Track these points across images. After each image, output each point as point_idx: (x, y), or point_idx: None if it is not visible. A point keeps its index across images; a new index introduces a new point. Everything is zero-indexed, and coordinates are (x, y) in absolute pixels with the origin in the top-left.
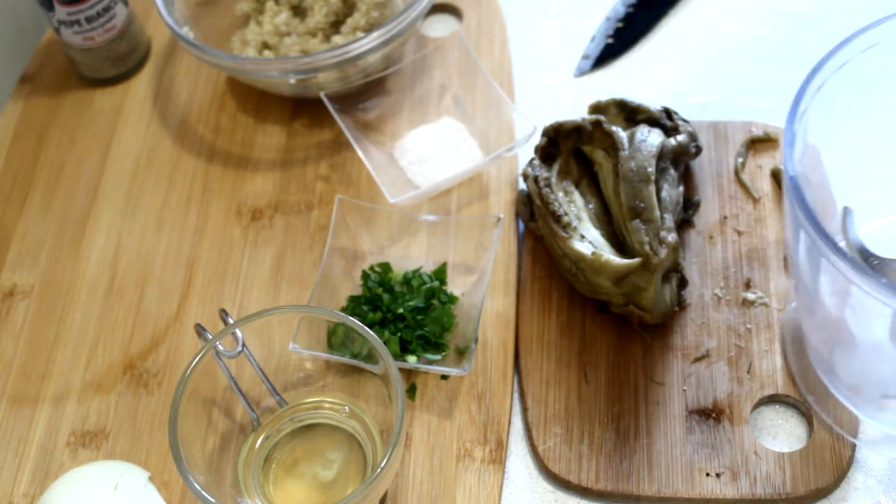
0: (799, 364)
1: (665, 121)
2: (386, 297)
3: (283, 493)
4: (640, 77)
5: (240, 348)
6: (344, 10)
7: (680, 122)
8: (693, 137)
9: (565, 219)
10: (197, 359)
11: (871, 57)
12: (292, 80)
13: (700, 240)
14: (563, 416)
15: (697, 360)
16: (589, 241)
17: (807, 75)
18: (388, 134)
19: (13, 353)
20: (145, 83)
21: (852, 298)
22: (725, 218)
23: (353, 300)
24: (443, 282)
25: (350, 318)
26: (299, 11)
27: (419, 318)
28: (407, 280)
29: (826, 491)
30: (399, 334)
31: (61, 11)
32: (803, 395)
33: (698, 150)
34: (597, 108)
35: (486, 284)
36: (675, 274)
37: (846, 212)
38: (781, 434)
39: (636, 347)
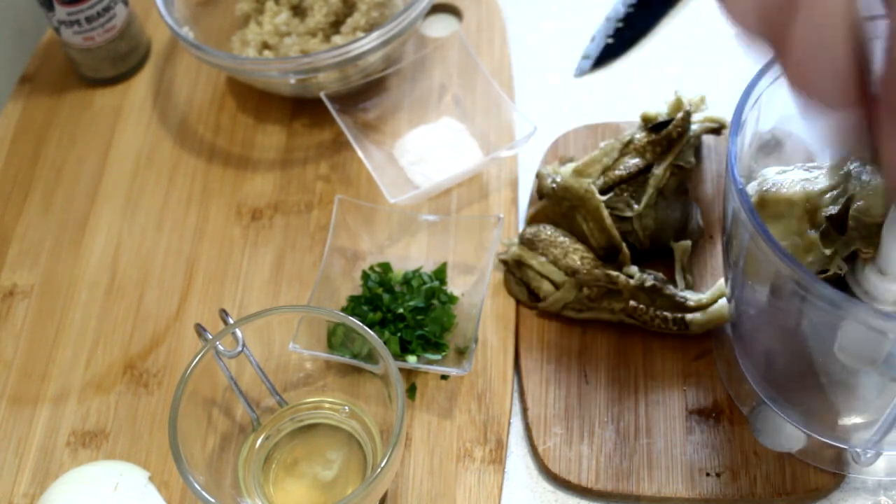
0: (730, 376)
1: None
2: (386, 297)
3: (283, 493)
4: (640, 77)
5: (240, 348)
6: (344, 10)
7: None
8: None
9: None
10: (197, 359)
11: None
12: (292, 80)
13: (700, 240)
14: (563, 416)
15: (697, 359)
16: None
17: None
18: (388, 134)
19: (13, 353)
20: (145, 83)
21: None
22: None
23: (353, 300)
24: (443, 282)
25: (350, 318)
26: (299, 11)
27: (419, 318)
28: (407, 280)
29: (826, 491)
30: (399, 334)
31: (61, 11)
32: (742, 411)
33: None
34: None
35: (486, 284)
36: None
37: None
38: (781, 434)
39: (636, 347)
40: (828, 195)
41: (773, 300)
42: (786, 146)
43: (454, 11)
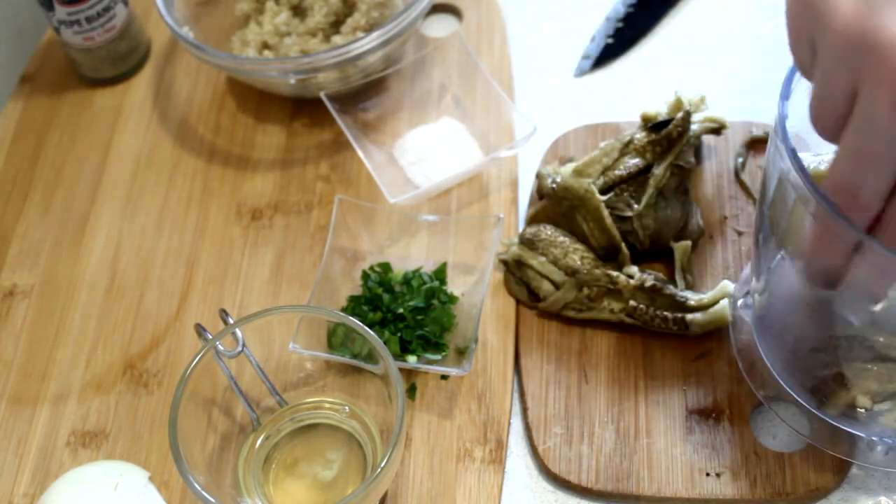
0: (747, 362)
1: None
2: (386, 297)
3: (283, 493)
4: (640, 77)
5: (240, 348)
6: (344, 10)
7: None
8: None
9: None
10: (197, 359)
11: None
12: (292, 80)
13: (700, 240)
14: (563, 416)
15: (697, 359)
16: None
17: None
18: (388, 134)
19: (13, 353)
20: (145, 83)
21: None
22: (725, 218)
23: (353, 300)
24: (443, 282)
25: (350, 318)
26: (299, 11)
27: (419, 318)
28: (407, 280)
29: (826, 491)
30: (399, 334)
31: (61, 11)
32: (759, 397)
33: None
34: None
35: (486, 284)
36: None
37: None
38: (781, 434)
39: (636, 347)
40: None
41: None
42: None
43: (454, 11)
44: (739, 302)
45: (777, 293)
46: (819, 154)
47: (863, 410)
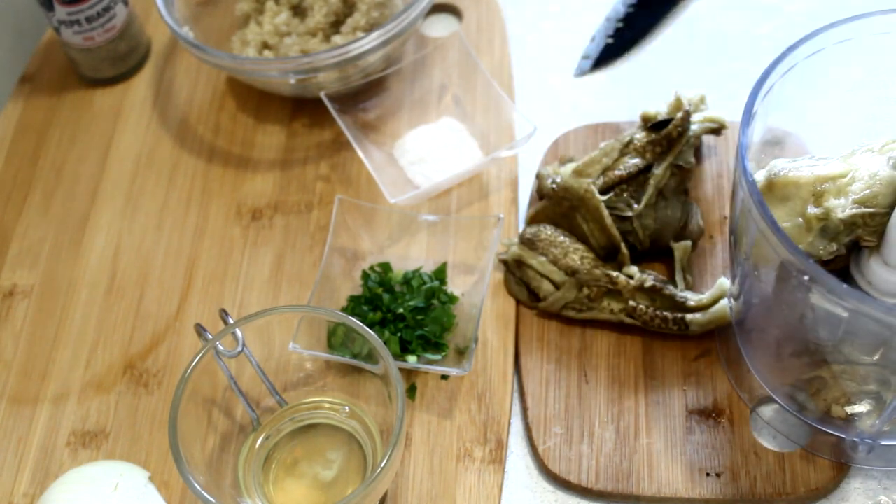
0: (736, 374)
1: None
2: (386, 297)
3: (283, 493)
4: (639, 77)
5: (240, 348)
6: (344, 10)
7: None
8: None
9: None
10: (197, 359)
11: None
12: (292, 80)
13: (700, 240)
14: (563, 416)
15: (697, 359)
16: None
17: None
18: (388, 134)
19: (13, 353)
20: (145, 83)
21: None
22: (725, 218)
23: (353, 300)
24: (443, 282)
25: (350, 318)
26: (299, 11)
27: (419, 318)
28: (407, 280)
29: (826, 491)
30: (399, 334)
31: (61, 11)
32: (747, 405)
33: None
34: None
35: (486, 284)
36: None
37: None
38: (781, 434)
39: (636, 347)
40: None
41: (778, 290)
42: (785, 144)
43: (454, 11)
44: (728, 301)
45: (751, 299)
46: (794, 160)
47: (846, 414)
